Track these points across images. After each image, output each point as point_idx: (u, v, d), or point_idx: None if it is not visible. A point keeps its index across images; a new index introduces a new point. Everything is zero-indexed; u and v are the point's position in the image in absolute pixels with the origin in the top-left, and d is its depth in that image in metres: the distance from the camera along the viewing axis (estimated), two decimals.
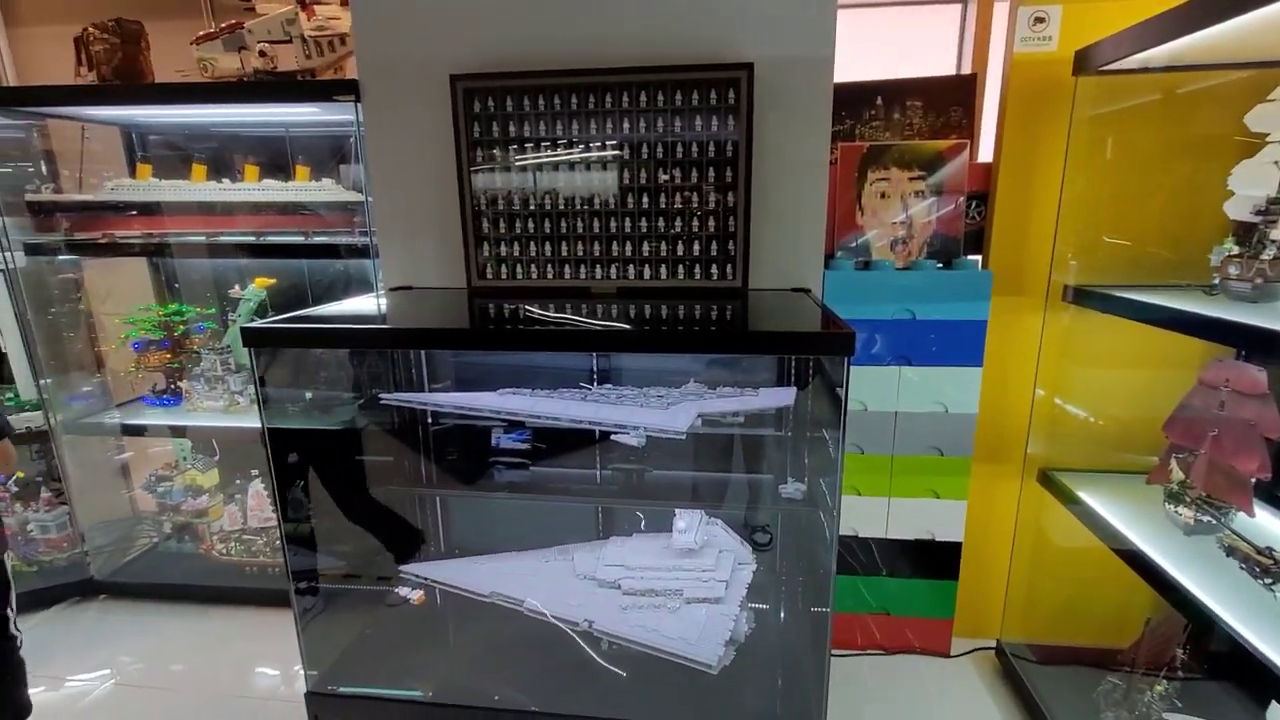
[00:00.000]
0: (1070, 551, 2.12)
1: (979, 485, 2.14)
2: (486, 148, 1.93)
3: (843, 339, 1.29)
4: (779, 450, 1.94)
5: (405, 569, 1.98)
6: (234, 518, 2.77)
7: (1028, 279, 2.02)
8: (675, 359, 2.00)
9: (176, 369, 2.70)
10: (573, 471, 2.07)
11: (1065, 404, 2.01)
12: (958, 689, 2.15)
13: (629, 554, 1.83)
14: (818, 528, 1.66)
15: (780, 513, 1.91)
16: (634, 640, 1.64)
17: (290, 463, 1.84)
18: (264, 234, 2.51)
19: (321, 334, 1.59)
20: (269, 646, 2.44)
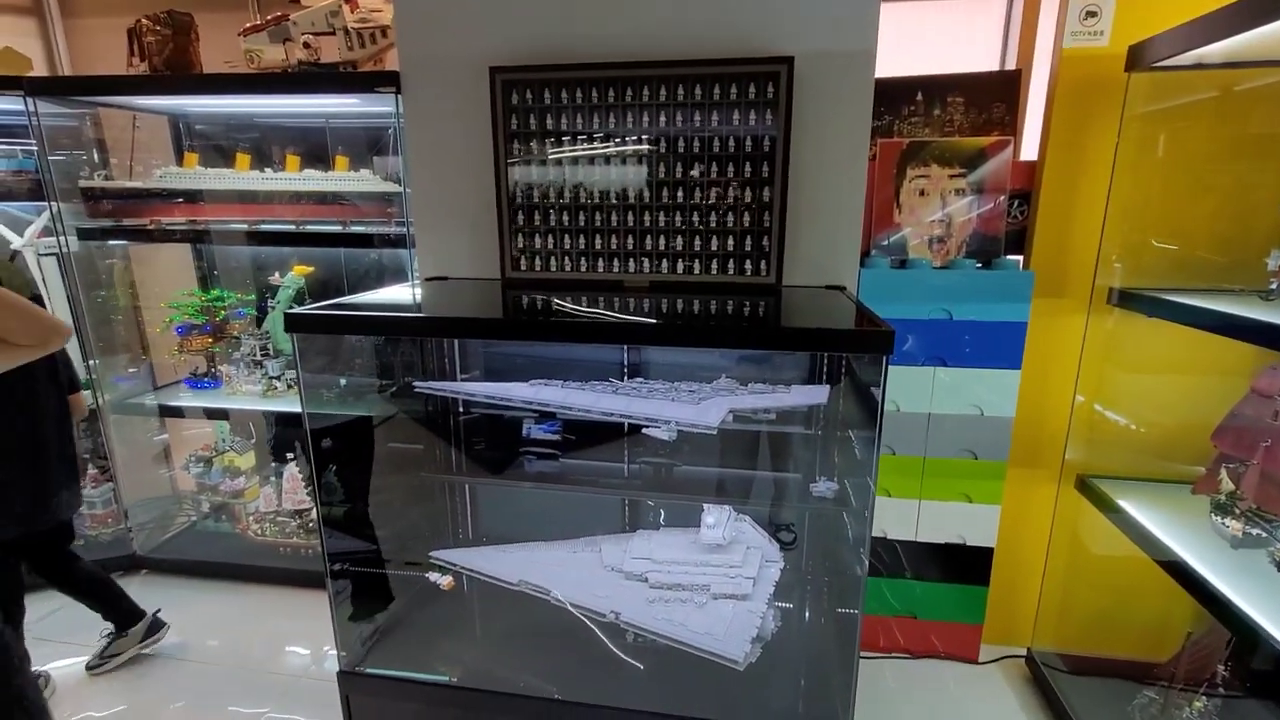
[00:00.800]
0: (1107, 560, 2.07)
1: (1013, 490, 2.10)
2: (523, 140, 1.94)
3: (882, 337, 1.27)
4: (808, 449, 1.92)
5: (436, 554, 2.01)
6: (269, 499, 2.84)
7: (1070, 281, 1.97)
8: (705, 354, 2.00)
9: (217, 353, 2.77)
10: (601, 464, 2.08)
11: (1106, 409, 1.96)
12: (986, 696, 2.12)
13: (656, 547, 1.84)
14: (847, 528, 1.65)
15: (808, 511, 1.90)
16: (660, 633, 1.65)
17: (325, 447, 1.88)
18: (303, 223, 2.56)
19: (364, 321, 1.62)
20: (301, 625, 2.50)
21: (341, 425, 2.03)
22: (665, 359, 2.01)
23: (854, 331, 1.30)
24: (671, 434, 1.63)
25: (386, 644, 1.94)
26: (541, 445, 1.99)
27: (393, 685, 1.76)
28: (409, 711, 1.79)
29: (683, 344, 1.45)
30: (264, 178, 2.53)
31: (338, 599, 1.81)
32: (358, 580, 1.99)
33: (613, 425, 2.09)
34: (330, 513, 2.12)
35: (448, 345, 2.24)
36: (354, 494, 2.02)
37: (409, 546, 2.22)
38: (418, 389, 2.00)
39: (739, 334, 1.43)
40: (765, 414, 1.73)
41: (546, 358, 2.14)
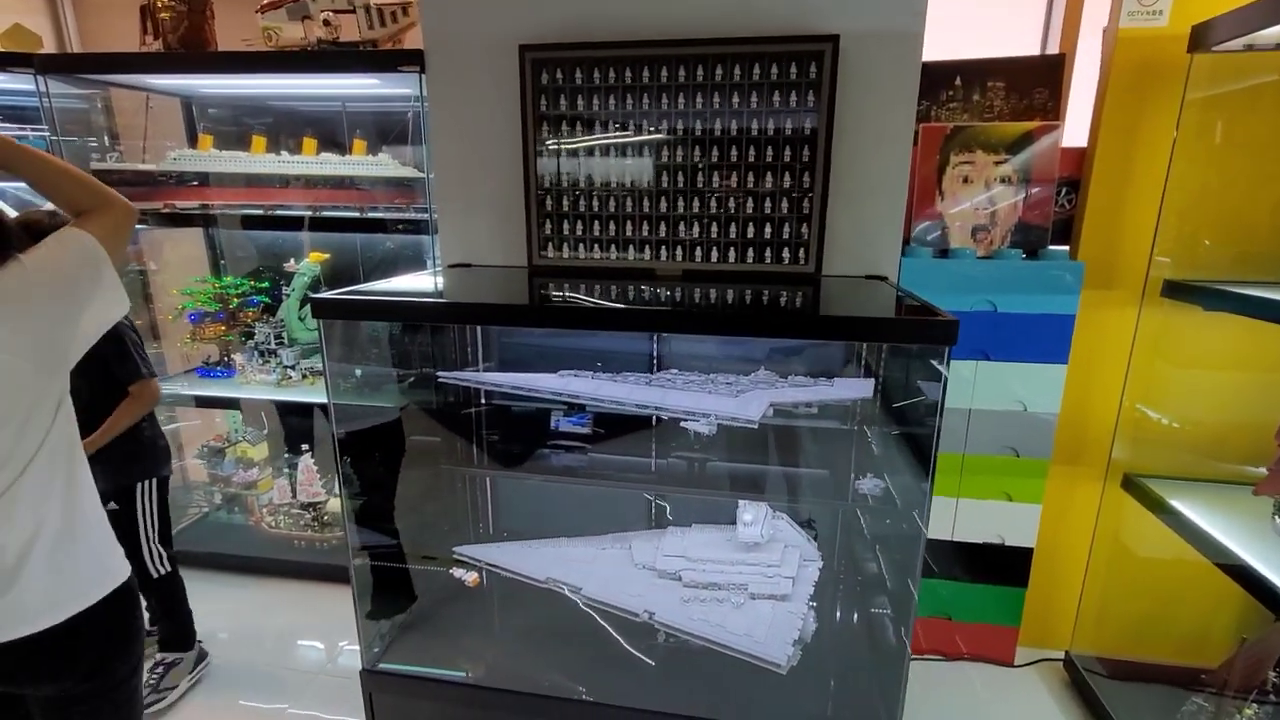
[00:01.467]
0: (1152, 562, 2.00)
1: (1055, 489, 2.03)
2: (553, 122, 1.87)
3: (944, 327, 1.20)
4: (847, 445, 1.85)
5: (460, 550, 1.95)
6: (283, 491, 2.78)
7: (1121, 272, 1.90)
8: (736, 346, 1.93)
9: (230, 341, 2.71)
10: (631, 459, 2.02)
11: (1156, 406, 1.89)
12: (1023, 700, 2.06)
13: (690, 545, 1.78)
14: (893, 525, 1.58)
15: (852, 510, 1.83)
16: (698, 634, 1.59)
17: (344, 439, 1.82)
18: (319, 209, 2.50)
19: (396, 306, 1.55)
20: (317, 620, 2.45)
21: (369, 416, 1.97)
22: (693, 351, 1.94)
23: (916, 321, 1.23)
24: (712, 427, 1.57)
25: (409, 641, 1.89)
26: (570, 438, 1.93)
27: (417, 684, 1.71)
28: (434, 711, 1.74)
29: (733, 332, 1.38)
30: (280, 161, 2.47)
31: (361, 594, 1.75)
32: (380, 575, 1.93)
33: (643, 419, 2.03)
34: (352, 505, 2.06)
35: (470, 335, 2.17)
36: (378, 487, 1.97)
37: (431, 541, 2.16)
38: (442, 380, 1.94)
39: (795, 322, 1.36)
40: (806, 408, 1.67)
41: (570, 349, 2.07)
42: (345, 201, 2.52)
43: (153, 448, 2.03)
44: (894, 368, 1.69)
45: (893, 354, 1.65)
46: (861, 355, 1.90)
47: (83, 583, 1.14)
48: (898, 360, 1.63)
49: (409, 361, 2.27)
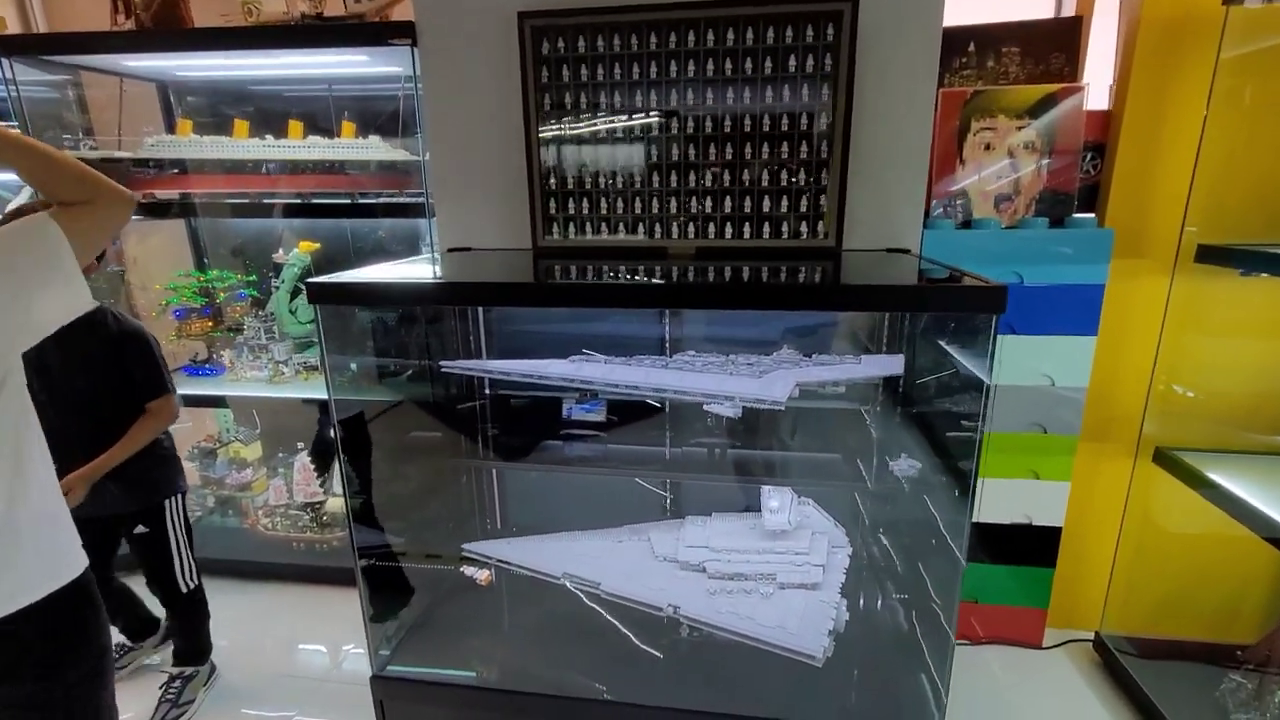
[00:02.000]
0: (1184, 538, 1.95)
1: (1083, 466, 1.96)
2: (556, 94, 1.77)
3: (992, 294, 1.13)
4: (877, 425, 1.78)
5: (469, 548, 1.86)
6: (279, 492, 2.68)
7: (1151, 239, 1.83)
8: (756, 326, 1.85)
9: (218, 338, 2.59)
10: (647, 449, 1.94)
11: (1189, 377, 1.83)
12: (1053, 682, 2.00)
13: (712, 535, 1.70)
14: (931, 508, 1.51)
15: (876, 493, 1.76)
16: (727, 628, 1.51)
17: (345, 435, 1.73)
18: (308, 197, 2.38)
19: (396, 290, 1.45)
20: (319, 624, 2.35)
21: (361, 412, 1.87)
22: (708, 334, 1.86)
23: (963, 288, 1.15)
24: (736, 409, 1.49)
25: (419, 643, 1.80)
26: (582, 427, 1.84)
27: (429, 689, 1.62)
28: (448, 717, 1.66)
29: (765, 306, 1.29)
30: (265, 145, 2.35)
31: (367, 597, 1.66)
32: (386, 577, 1.84)
33: (659, 404, 1.95)
34: (352, 504, 1.97)
35: (472, 323, 2.08)
36: (379, 485, 1.87)
37: (438, 539, 2.07)
38: (445, 369, 1.84)
39: (833, 293, 1.27)
40: (833, 387, 1.59)
41: (578, 336, 1.98)
42: (335, 188, 2.40)
43: (175, 462, 1.94)
44: (925, 343, 1.62)
45: (924, 328, 1.57)
46: (884, 332, 1.82)
47: (24, 576, 1.06)
48: (929, 335, 1.56)
49: (408, 353, 2.17)
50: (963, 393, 1.51)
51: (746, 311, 1.86)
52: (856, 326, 1.80)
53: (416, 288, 1.47)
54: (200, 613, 2.03)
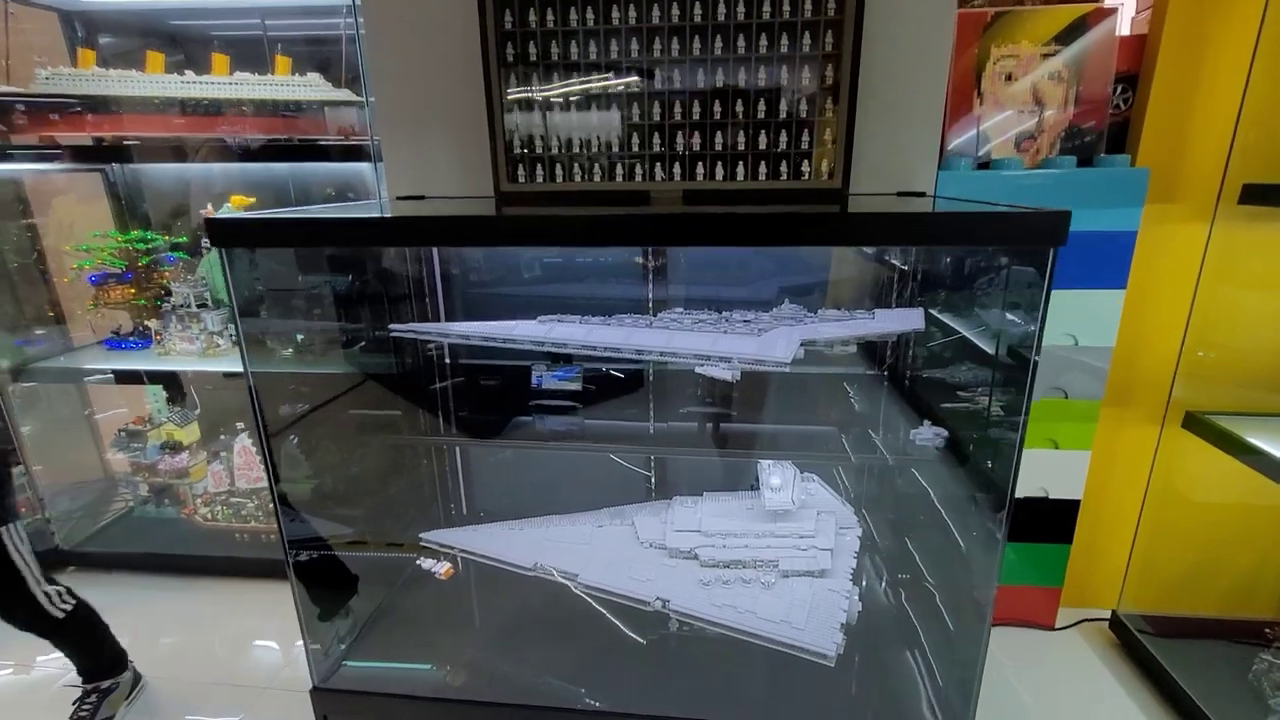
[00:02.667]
0: (1212, 510, 1.81)
1: (1105, 434, 1.80)
2: (519, 11, 1.51)
3: (1050, 221, 0.92)
4: (889, 390, 1.59)
5: (428, 537, 1.64)
6: (219, 478, 2.41)
7: (1189, 180, 1.64)
8: (750, 283, 1.64)
9: (143, 306, 2.30)
10: (628, 424, 1.72)
11: (1225, 336, 1.66)
12: (1066, 665, 1.86)
13: (704, 517, 1.50)
14: (960, 482, 1.32)
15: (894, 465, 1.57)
16: (724, 623, 1.32)
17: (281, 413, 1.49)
18: (241, 142, 2.09)
19: (313, 227, 1.19)
20: (266, 622, 2.11)
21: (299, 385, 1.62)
22: (696, 294, 1.64)
23: (1018, 214, 0.94)
24: (734, 372, 1.27)
25: (371, 647, 1.58)
26: (556, 398, 1.61)
27: (381, 703, 1.41)
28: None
29: (778, 241, 1.06)
30: (184, 82, 2.04)
31: (308, 596, 1.44)
32: (330, 572, 1.61)
33: (642, 370, 1.73)
34: (294, 491, 1.73)
35: (427, 283, 1.83)
36: (322, 468, 1.63)
37: (394, 528, 1.85)
38: (395, 334, 1.60)
39: (861, 225, 1.05)
40: (843, 347, 1.38)
41: (549, 297, 1.75)
42: (271, 134, 2.11)
43: (8, 486, 1.60)
44: (947, 294, 1.42)
45: (951, 278, 1.37)
46: (888, 287, 1.62)
47: None
48: (957, 284, 1.36)
49: (356, 318, 1.92)
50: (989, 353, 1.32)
51: (742, 263, 1.65)
52: (864, 282, 1.60)
53: (340, 225, 1.21)
54: (90, 627, 1.72)
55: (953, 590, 1.39)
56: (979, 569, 1.26)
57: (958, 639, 1.34)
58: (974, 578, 1.28)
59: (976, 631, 1.20)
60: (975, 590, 1.26)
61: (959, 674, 1.29)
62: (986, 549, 1.19)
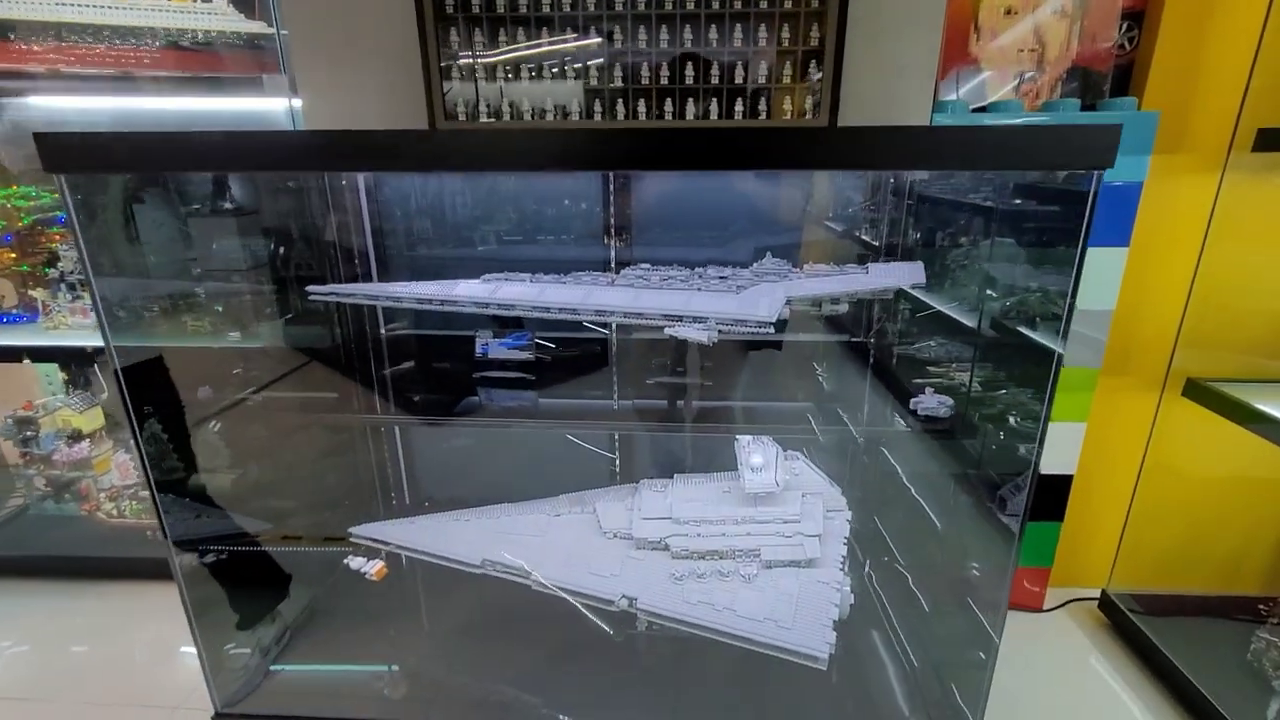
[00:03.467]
0: (1209, 484, 1.73)
1: (1100, 405, 1.69)
2: None
3: (1101, 137, 0.76)
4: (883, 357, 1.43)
5: (358, 532, 1.42)
6: (126, 470, 2.13)
7: (1198, 128, 1.51)
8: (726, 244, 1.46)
9: (26, 273, 1.99)
10: (587, 403, 1.53)
11: (1233, 298, 1.56)
12: (1056, 648, 1.76)
13: (676, 503, 1.32)
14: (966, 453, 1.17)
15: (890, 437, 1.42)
16: (699, 624, 1.14)
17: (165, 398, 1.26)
18: (133, 77, 1.80)
19: (178, 146, 0.94)
20: (181, 632, 1.86)
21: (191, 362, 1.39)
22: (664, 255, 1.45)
23: (1062, 128, 0.77)
24: (711, 334, 1.09)
25: (295, 660, 1.37)
26: (504, 369, 1.41)
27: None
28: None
29: (773, 164, 0.87)
30: (57, 4, 1.73)
31: (203, 608, 1.21)
32: (241, 574, 1.39)
33: (600, 341, 1.54)
34: (203, 482, 1.51)
35: (358, 245, 1.60)
36: (237, 455, 1.40)
37: (321, 522, 1.62)
38: (314, 297, 1.36)
39: (870, 143, 0.85)
40: (832, 306, 1.21)
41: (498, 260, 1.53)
42: (166, 69, 1.82)
43: None
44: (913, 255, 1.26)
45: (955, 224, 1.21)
46: (882, 242, 1.46)
47: None
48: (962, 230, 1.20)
49: (277, 287, 1.67)
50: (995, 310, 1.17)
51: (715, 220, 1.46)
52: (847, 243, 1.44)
53: (222, 141, 0.96)
54: None
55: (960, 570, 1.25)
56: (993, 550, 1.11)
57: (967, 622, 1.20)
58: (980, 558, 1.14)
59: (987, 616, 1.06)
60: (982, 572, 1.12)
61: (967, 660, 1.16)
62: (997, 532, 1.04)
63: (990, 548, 1.24)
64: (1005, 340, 1.34)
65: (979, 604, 1.16)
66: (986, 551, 1.26)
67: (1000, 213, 1.34)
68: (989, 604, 1.10)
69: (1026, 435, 1.60)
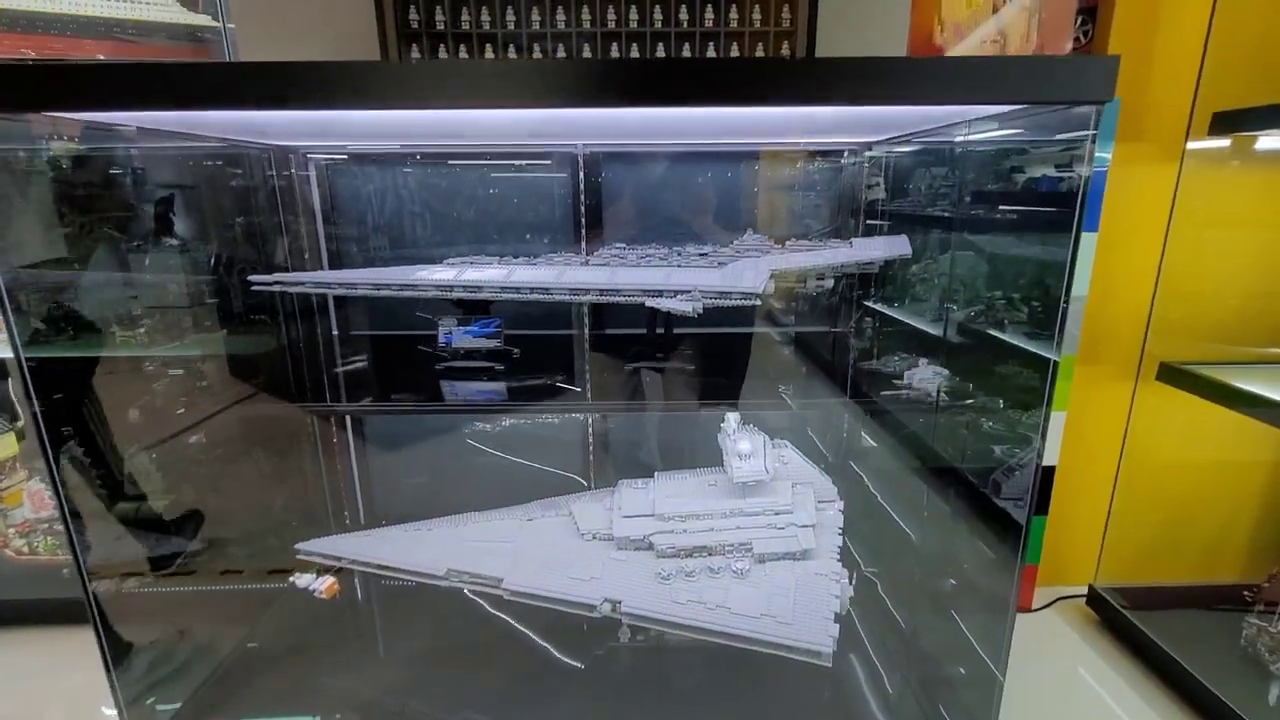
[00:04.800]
0: (1186, 470, 1.73)
1: (1078, 392, 1.68)
2: None
3: (1095, 68, 0.73)
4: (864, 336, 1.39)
5: (307, 548, 1.28)
6: (40, 500, 1.92)
7: (1155, 116, 1.55)
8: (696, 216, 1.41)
9: None
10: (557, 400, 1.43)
11: (1198, 282, 1.58)
12: (1049, 649, 1.71)
13: (658, 499, 1.22)
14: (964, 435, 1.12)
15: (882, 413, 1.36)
16: (691, 623, 1.04)
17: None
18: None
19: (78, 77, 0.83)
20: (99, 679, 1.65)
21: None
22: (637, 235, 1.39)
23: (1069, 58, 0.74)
24: (696, 306, 1.02)
25: (228, 697, 1.20)
26: (470, 359, 1.30)
27: None
28: None
29: (739, 98, 0.80)
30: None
31: (122, 649, 1.05)
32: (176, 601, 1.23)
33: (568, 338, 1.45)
34: (132, 509, 1.36)
35: (309, 233, 1.49)
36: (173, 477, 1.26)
37: (266, 550, 1.47)
38: (255, 286, 1.24)
39: (850, 73, 0.80)
40: (819, 283, 1.16)
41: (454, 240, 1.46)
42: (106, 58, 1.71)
43: None
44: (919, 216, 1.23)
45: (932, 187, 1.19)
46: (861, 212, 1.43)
47: None
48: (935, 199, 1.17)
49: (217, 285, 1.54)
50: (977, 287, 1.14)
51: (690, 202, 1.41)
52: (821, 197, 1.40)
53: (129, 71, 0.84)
54: None
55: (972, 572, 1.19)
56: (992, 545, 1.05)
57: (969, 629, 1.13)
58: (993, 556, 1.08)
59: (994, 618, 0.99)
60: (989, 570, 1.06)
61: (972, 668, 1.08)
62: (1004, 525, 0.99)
63: (989, 544, 1.18)
64: (985, 335, 1.32)
65: (985, 607, 1.09)
66: (986, 548, 1.20)
67: (985, 196, 1.34)
68: (997, 604, 1.03)
69: (1012, 424, 1.57)
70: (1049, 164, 1.30)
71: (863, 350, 1.50)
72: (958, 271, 1.38)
